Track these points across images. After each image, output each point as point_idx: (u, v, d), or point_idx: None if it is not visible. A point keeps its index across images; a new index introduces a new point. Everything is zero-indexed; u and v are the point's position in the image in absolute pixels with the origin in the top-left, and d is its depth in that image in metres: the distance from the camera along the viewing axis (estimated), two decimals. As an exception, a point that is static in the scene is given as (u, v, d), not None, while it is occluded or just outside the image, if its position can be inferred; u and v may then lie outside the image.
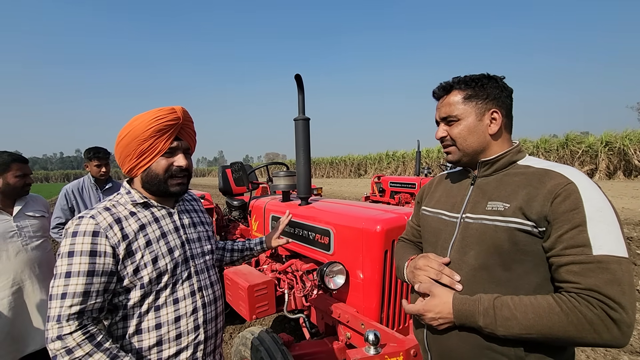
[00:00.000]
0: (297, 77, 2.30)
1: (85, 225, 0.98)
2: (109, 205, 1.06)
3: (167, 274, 1.08)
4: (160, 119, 1.05)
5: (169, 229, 1.14)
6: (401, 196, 7.99)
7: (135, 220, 1.07)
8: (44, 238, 2.29)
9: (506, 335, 0.86)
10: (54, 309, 0.93)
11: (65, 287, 0.93)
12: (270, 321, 3.55)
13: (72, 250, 0.96)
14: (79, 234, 0.97)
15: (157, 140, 1.06)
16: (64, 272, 0.94)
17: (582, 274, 0.80)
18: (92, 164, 2.88)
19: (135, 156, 1.07)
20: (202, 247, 1.24)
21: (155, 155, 1.07)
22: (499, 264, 0.93)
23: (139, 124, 1.04)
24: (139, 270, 1.03)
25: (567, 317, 0.79)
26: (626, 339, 0.77)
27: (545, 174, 0.91)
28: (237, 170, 3.17)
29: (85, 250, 0.96)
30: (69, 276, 0.94)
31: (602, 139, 17.89)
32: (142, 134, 1.04)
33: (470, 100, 1.02)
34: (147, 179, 1.10)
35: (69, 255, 0.95)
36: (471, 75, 1.05)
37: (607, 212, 0.82)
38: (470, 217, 1.01)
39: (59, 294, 0.93)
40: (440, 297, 0.96)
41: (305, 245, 2.30)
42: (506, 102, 1.04)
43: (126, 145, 1.06)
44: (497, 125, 1.02)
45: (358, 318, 1.78)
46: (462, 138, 1.04)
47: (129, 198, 1.10)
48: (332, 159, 37.75)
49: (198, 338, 1.14)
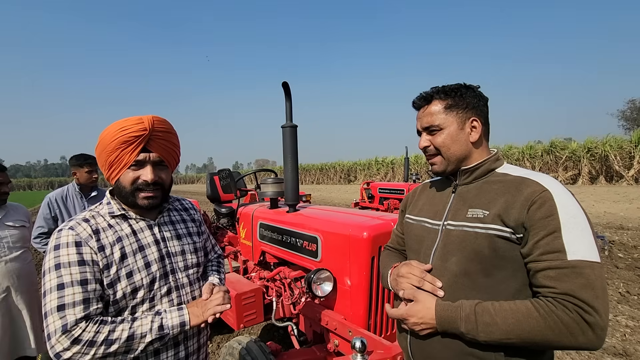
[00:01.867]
0: (285, 84, 2.32)
1: (66, 237, 0.96)
2: (88, 216, 1.05)
3: (142, 288, 1.04)
4: (126, 129, 1.00)
5: (147, 242, 1.10)
6: (390, 202, 8.09)
7: (113, 232, 1.04)
8: (24, 249, 2.23)
9: (487, 340, 0.87)
10: (52, 323, 0.89)
11: (60, 300, 0.90)
12: (258, 330, 3.51)
13: (59, 263, 0.92)
14: (62, 246, 0.95)
15: (122, 152, 1.02)
16: (55, 285, 0.91)
17: (558, 278, 0.82)
18: (83, 171, 2.83)
19: (106, 167, 1.05)
20: (186, 260, 1.19)
21: (122, 168, 1.04)
22: (479, 270, 0.94)
23: (106, 134, 1.02)
24: (113, 285, 1.00)
25: (545, 321, 0.81)
26: (600, 341, 0.79)
27: (522, 182, 0.94)
28: (225, 177, 3.15)
29: (72, 260, 0.93)
30: (62, 288, 0.91)
31: (585, 145, 18.41)
32: (108, 144, 1.01)
33: (451, 110, 1.04)
34: (117, 190, 1.07)
35: (57, 268, 0.92)
36: (449, 85, 1.08)
37: (580, 219, 0.85)
38: (451, 224, 1.03)
39: (55, 307, 0.89)
40: (424, 303, 0.97)
41: (292, 252, 2.29)
42: (484, 110, 1.07)
43: (99, 155, 1.05)
44: (478, 133, 1.05)
45: (346, 325, 1.78)
46: (445, 147, 1.06)
47: (108, 209, 1.08)
48: (322, 165, 37.83)
49: (178, 355, 1.11)
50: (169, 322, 1.02)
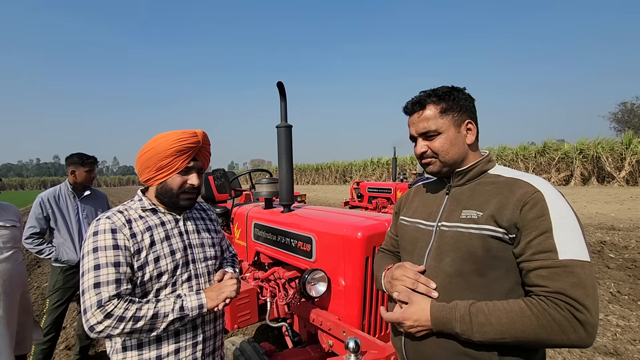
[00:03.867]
0: (279, 84, 2.32)
1: (103, 224, 1.10)
2: (122, 209, 1.19)
3: (167, 273, 1.17)
4: (182, 141, 1.16)
5: (172, 233, 1.23)
6: (378, 201, 8.25)
7: (143, 222, 1.18)
8: (15, 249, 2.19)
9: (482, 340, 0.88)
10: (89, 299, 1.02)
11: (96, 278, 1.03)
12: (252, 330, 3.49)
13: (96, 247, 1.07)
14: (100, 232, 1.09)
15: (176, 159, 1.17)
16: (92, 266, 1.04)
17: (549, 277, 0.84)
18: (83, 170, 2.80)
19: (154, 169, 1.18)
20: (205, 252, 1.31)
21: (172, 172, 1.19)
22: (473, 270, 0.95)
23: (163, 142, 1.16)
24: (142, 268, 1.12)
25: (538, 320, 0.82)
26: (591, 338, 0.81)
27: (515, 183, 0.95)
28: (219, 177, 3.14)
29: (108, 245, 1.07)
30: (98, 268, 1.04)
31: (577, 146, 18.62)
32: (164, 151, 1.15)
33: (447, 114, 1.04)
34: (162, 191, 1.21)
35: (94, 251, 1.06)
36: (439, 88, 1.07)
37: (570, 220, 0.87)
38: (445, 225, 1.04)
39: (91, 285, 1.03)
40: (418, 305, 0.98)
41: (287, 252, 2.29)
42: (474, 111, 1.08)
43: (148, 159, 1.18)
44: (473, 134, 1.06)
45: (339, 326, 1.78)
46: (444, 151, 1.05)
47: (139, 204, 1.22)
48: (318, 166, 37.84)
49: (196, 338, 1.22)
50: (189, 304, 1.14)
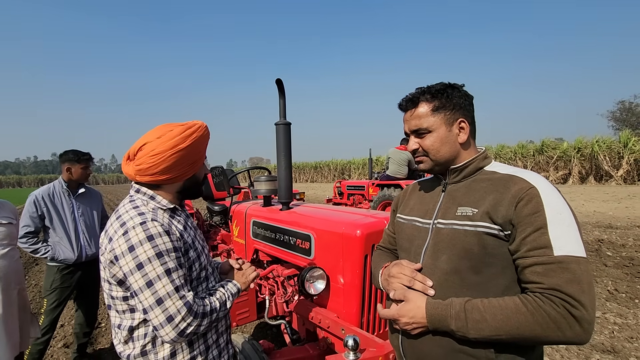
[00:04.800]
0: (278, 81, 2.30)
1: (154, 227, 1.02)
2: (144, 210, 1.07)
3: (205, 269, 1.21)
4: (206, 130, 1.18)
5: (193, 229, 1.25)
6: (355, 197, 9.25)
7: (177, 222, 1.15)
8: (11, 246, 2.18)
9: (477, 337, 0.88)
10: (172, 305, 0.98)
11: (173, 283, 1.00)
12: (251, 328, 3.49)
13: (160, 252, 1.00)
14: (155, 236, 1.00)
15: (204, 149, 1.20)
16: (163, 272, 0.99)
17: (545, 274, 0.83)
18: (79, 167, 2.76)
19: (188, 164, 1.14)
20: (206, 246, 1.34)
21: (201, 162, 1.20)
22: (469, 268, 0.95)
23: (199, 135, 1.14)
24: (192, 266, 1.12)
25: (533, 317, 0.82)
26: (587, 335, 0.80)
27: (510, 180, 0.95)
28: (218, 175, 3.13)
29: (169, 247, 1.02)
30: (170, 273, 1.00)
31: (575, 145, 18.66)
32: (201, 144, 1.16)
33: (439, 112, 1.04)
34: (189, 184, 1.20)
35: (159, 256, 0.99)
36: (434, 85, 1.07)
37: (566, 215, 0.86)
38: (441, 223, 1.03)
39: (172, 290, 0.99)
40: (414, 302, 0.98)
41: (286, 250, 2.28)
42: (470, 109, 1.06)
43: (185, 155, 1.11)
44: (466, 133, 1.05)
45: (338, 323, 1.78)
46: (434, 149, 1.06)
47: (156, 204, 1.13)
48: (317, 164, 37.82)
49: (226, 324, 1.31)
50: (233, 289, 1.23)
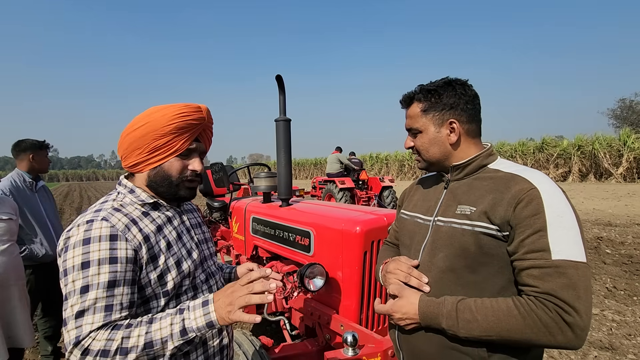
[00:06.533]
0: (278, 77, 2.30)
1: (98, 229, 0.85)
2: (116, 205, 0.94)
3: (189, 277, 0.99)
4: (185, 116, 0.94)
5: (182, 230, 1.05)
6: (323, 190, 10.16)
7: (150, 221, 0.96)
8: (10, 242, 2.18)
9: (467, 336, 0.88)
10: (67, 333, 0.80)
11: (82, 304, 0.80)
12: (250, 324, 3.51)
13: (87, 261, 0.82)
14: (93, 240, 0.83)
15: (175, 138, 0.95)
16: (79, 288, 0.81)
17: (540, 278, 0.82)
18: (43, 154, 2.56)
19: (147, 151, 0.95)
20: (209, 248, 1.16)
21: (170, 155, 0.97)
22: (465, 267, 0.94)
23: (159, 116, 0.93)
24: (163, 276, 0.92)
25: (524, 320, 0.81)
26: (580, 341, 0.79)
27: (512, 179, 0.93)
28: (218, 171, 3.12)
29: (103, 257, 0.83)
30: (86, 291, 0.81)
31: (575, 143, 18.65)
32: (160, 128, 0.93)
33: (428, 113, 1.03)
34: (155, 178, 0.98)
35: (83, 267, 0.81)
36: (432, 83, 1.06)
37: (567, 218, 0.84)
38: (441, 220, 1.03)
39: (74, 314, 0.80)
40: (408, 298, 0.98)
41: (285, 246, 2.28)
42: (466, 108, 1.02)
43: (139, 138, 0.94)
44: (456, 135, 1.02)
45: (337, 319, 1.78)
46: (424, 149, 1.07)
47: (134, 198, 0.98)
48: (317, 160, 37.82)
49: (223, 342, 1.06)
50: (193, 323, 0.84)
